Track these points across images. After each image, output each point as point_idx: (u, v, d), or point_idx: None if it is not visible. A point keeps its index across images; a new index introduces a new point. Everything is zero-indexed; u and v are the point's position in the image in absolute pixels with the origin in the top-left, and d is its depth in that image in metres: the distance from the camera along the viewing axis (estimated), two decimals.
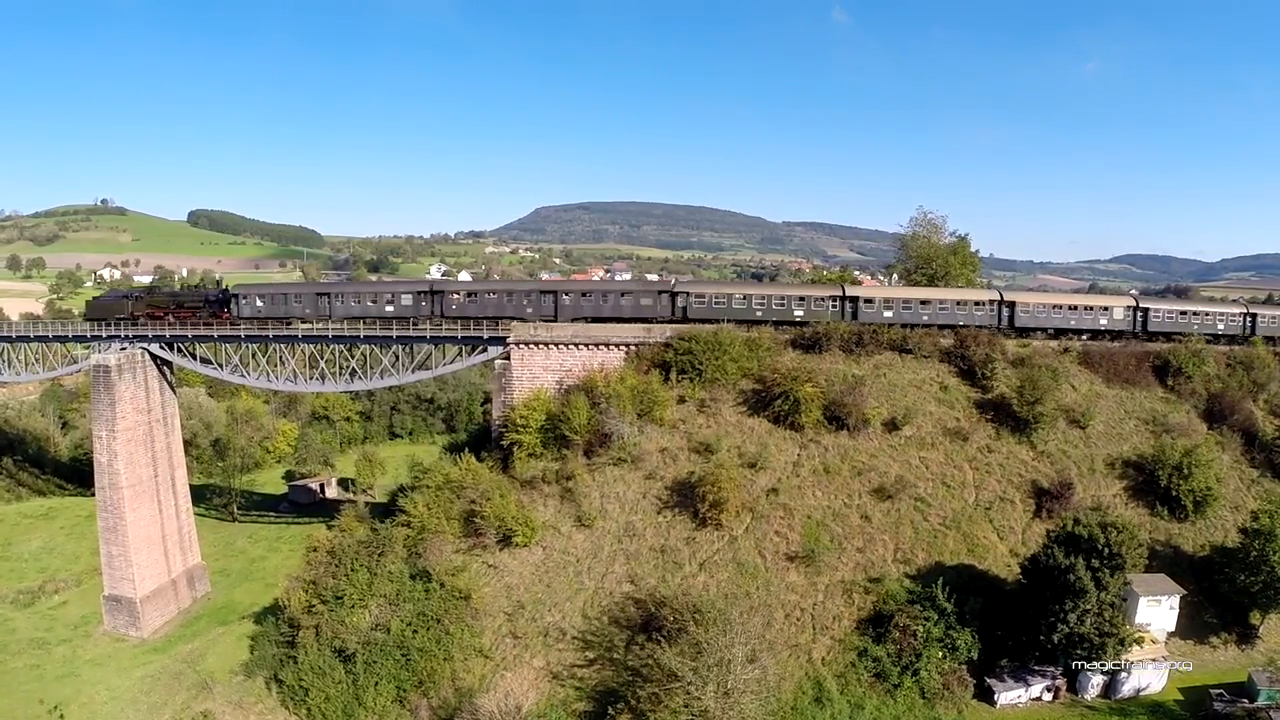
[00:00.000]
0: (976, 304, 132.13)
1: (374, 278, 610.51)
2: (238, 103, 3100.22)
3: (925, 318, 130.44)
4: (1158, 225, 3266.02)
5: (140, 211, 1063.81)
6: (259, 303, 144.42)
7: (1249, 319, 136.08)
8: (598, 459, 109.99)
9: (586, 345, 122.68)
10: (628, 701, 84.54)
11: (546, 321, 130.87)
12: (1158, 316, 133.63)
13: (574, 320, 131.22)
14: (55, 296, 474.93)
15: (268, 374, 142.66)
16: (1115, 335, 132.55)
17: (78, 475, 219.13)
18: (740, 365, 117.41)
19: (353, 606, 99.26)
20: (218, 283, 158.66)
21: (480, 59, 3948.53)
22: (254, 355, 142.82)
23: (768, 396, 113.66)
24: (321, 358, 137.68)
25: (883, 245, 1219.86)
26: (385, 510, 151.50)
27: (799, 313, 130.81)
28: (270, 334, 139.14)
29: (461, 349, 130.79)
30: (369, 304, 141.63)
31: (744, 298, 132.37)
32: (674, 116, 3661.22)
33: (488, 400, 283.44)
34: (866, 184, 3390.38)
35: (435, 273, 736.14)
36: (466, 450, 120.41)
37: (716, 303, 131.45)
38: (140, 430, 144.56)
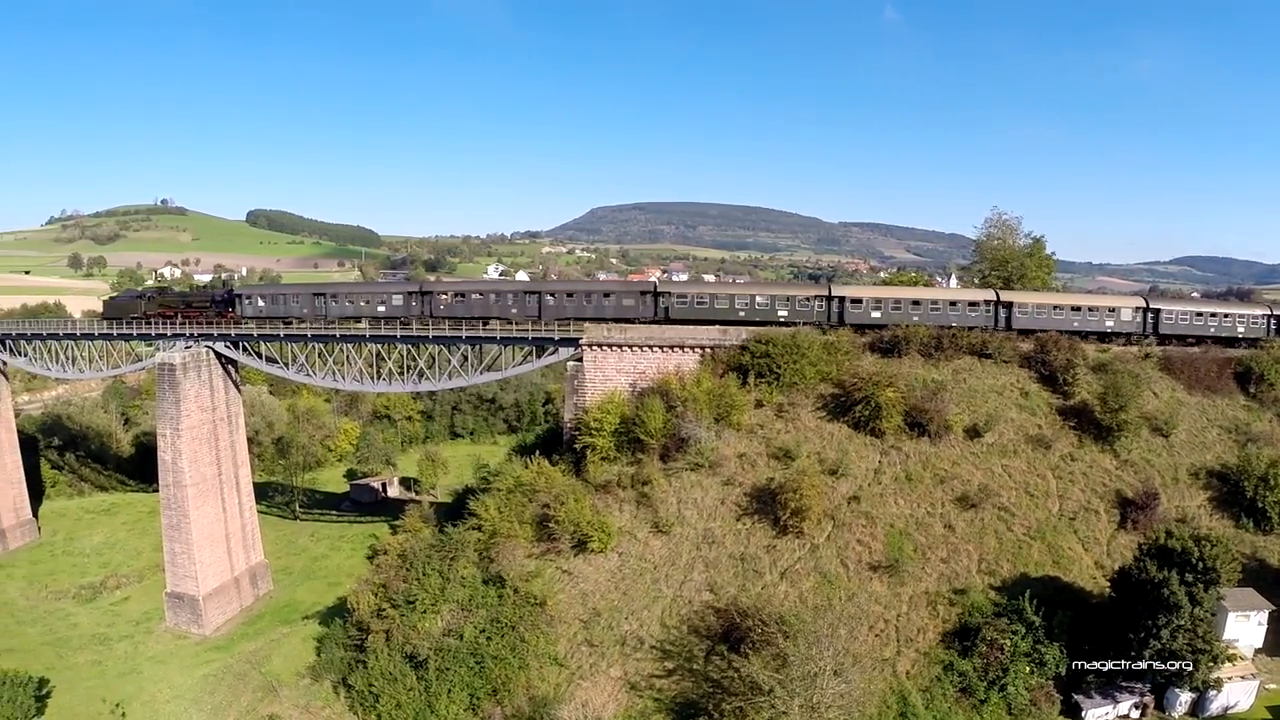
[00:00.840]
0: (971, 304, 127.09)
1: (432, 277, 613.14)
2: (293, 104, 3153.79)
3: (915, 318, 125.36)
4: (1218, 226, 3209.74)
5: (199, 211, 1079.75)
6: (260, 303, 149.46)
7: (1273, 321, 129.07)
8: (674, 464, 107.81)
9: (660, 347, 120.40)
10: (709, 714, 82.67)
11: (532, 321, 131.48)
12: (1170, 318, 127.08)
13: (557, 320, 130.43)
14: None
15: (334, 373, 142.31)
16: (1124, 338, 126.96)
17: (139, 471, 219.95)
18: (818, 369, 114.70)
19: (424, 611, 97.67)
20: (224, 283, 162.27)
21: (531, 58, 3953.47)
22: (320, 355, 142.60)
23: (848, 401, 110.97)
24: (388, 357, 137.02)
25: (939, 246, 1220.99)
26: (451, 511, 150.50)
27: (783, 313, 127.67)
28: (337, 334, 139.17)
29: (532, 350, 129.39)
30: (362, 304, 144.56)
31: (726, 297, 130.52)
32: (728, 117, 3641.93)
33: (549, 401, 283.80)
34: (922, 184, 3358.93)
35: (493, 272, 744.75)
36: (537, 453, 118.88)
37: (699, 303, 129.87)
38: (204, 429, 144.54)
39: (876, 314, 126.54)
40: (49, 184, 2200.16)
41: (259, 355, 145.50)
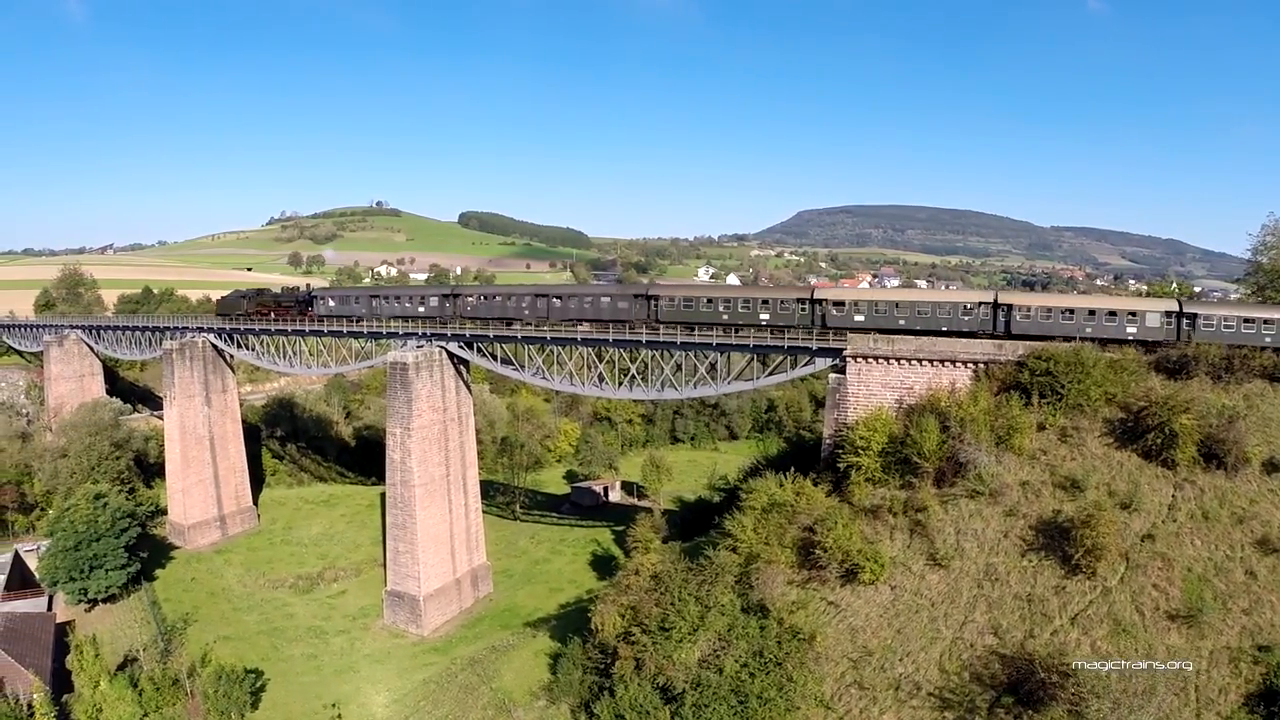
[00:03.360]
0: (965, 307, 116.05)
1: (644, 279, 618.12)
2: (503, 109, 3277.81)
3: (901, 322, 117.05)
4: None
5: (413, 213, 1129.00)
6: (331, 303, 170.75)
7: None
8: (949, 490, 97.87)
9: (930, 361, 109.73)
10: None
11: (540, 322, 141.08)
12: (1209, 324, 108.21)
13: (563, 321, 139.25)
14: None
15: (571, 377, 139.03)
16: (1149, 346, 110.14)
17: (359, 464, 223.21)
18: (1103, 389, 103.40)
19: (680, 640, 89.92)
20: (307, 287, 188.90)
21: (729, 59, 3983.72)
22: (557, 358, 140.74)
23: (1137, 427, 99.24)
24: (633, 363, 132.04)
25: (1156, 252, 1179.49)
26: (684, 523, 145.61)
27: (764, 316, 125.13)
28: (579, 338, 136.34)
29: (789, 359, 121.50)
30: (406, 305, 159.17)
31: (709, 300, 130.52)
32: (934, 116, 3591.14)
33: (772, 408, 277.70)
34: (1137, 186, 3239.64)
35: (703, 275, 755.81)
36: (792, 469, 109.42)
37: (685, 305, 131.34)
38: (435, 429, 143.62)
39: (859, 318, 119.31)
40: (269, 186, 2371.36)
41: (493, 356, 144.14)
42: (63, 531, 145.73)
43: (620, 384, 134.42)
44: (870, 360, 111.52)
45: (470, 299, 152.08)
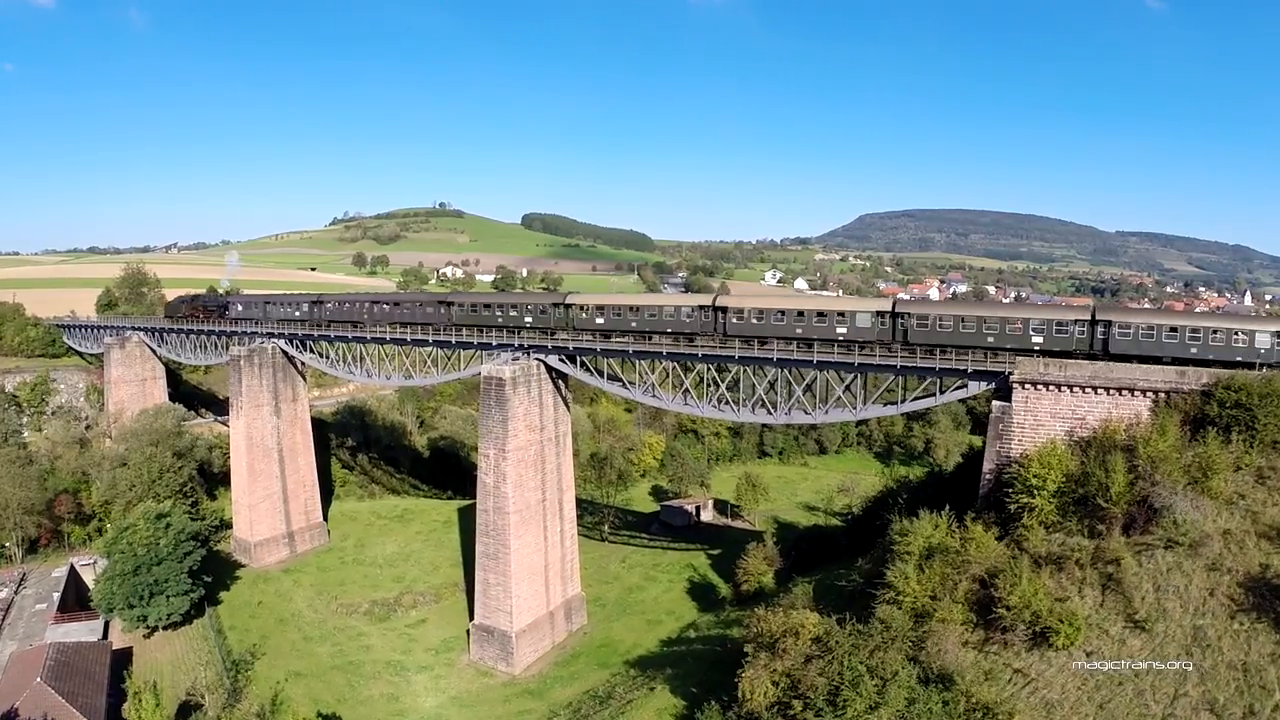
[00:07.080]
0: (688, 311, 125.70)
1: (715, 284, 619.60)
2: (567, 112, 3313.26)
3: (634, 324, 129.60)
4: None
5: (476, 214, 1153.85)
6: (239, 307, 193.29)
7: (1099, 329, 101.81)
8: (1139, 538, 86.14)
9: (1107, 390, 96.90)
10: None
11: (375, 324, 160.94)
12: (923, 324, 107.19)
13: (392, 324, 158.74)
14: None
15: (687, 395, 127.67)
16: (863, 347, 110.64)
17: (434, 477, 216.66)
18: None
19: (854, 718, 78.26)
20: (226, 292, 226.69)
21: (792, 65, 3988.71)
22: (668, 375, 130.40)
23: None
24: (758, 383, 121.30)
25: (1223, 259, 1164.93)
26: (798, 554, 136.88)
27: (528, 319, 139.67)
28: (700, 353, 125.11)
29: (939, 381, 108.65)
30: (285, 309, 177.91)
31: (488, 306, 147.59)
32: (995, 120, 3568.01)
33: (861, 421, 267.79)
34: (1204, 190, 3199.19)
35: (770, 280, 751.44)
36: (947, 507, 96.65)
37: (473, 310, 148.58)
38: (531, 450, 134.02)
39: (600, 320, 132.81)
40: (333, 187, 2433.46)
41: (599, 372, 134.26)
42: (120, 554, 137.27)
43: (742, 406, 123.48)
44: (1040, 387, 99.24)
45: (329, 305, 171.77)
